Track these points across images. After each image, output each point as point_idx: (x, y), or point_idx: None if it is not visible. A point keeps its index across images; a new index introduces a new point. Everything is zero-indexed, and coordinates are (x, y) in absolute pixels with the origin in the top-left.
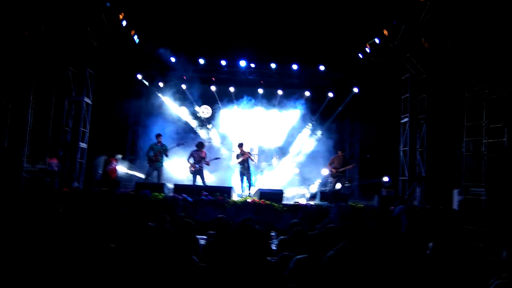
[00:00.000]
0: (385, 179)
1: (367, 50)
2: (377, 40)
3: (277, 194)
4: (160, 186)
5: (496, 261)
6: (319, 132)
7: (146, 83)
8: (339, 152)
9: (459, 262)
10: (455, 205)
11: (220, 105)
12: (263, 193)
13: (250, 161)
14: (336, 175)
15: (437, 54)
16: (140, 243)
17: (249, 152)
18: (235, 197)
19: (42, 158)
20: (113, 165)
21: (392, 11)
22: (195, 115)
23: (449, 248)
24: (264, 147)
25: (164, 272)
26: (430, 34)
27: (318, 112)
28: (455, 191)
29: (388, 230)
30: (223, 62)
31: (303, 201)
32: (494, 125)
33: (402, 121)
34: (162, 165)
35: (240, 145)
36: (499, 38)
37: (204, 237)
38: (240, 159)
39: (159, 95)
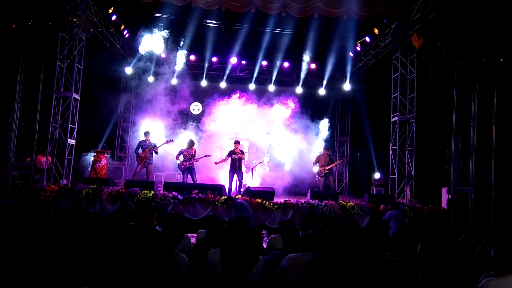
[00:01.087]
0: (376, 176)
1: (358, 48)
2: (367, 39)
3: (268, 193)
4: (150, 184)
5: (484, 259)
6: (310, 129)
7: (136, 78)
8: (324, 150)
9: (447, 261)
10: (443, 204)
11: (210, 101)
12: (253, 192)
13: (241, 160)
14: (324, 174)
15: (427, 54)
16: (120, 244)
17: (241, 151)
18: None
19: (30, 154)
20: (102, 162)
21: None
22: (185, 112)
23: (437, 247)
24: (255, 143)
25: (143, 273)
26: (420, 33)
27: (309, 109)
28: (444, 190)
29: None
30: (214, 59)
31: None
32: (482, 125)
33: (392, 119)
34: (151, 162)
35: (236, 142)
36: (487, 39)
37: (194, 235)
38: (232, 157)
39: (149, 91)
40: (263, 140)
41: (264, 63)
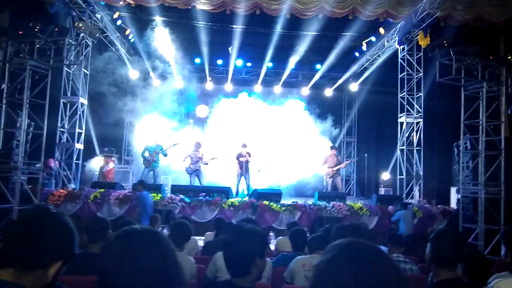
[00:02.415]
0: (385, 177)
1: (364, 48)
2: (373, 38)
3: (275, 194)
4: (157, 187)
5: (495, 260)
6: (317, 130)
7: (142, 82)
8: (332, 151)
9: (457, 261)
10: (453, 204)
11: (216, 104)
12: (260, 194)
13: (248, 162)
14: (332, 175)
15: (433, 53)
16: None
17: (248, 153)
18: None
19: (38, 159)
20: (109, 166)
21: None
22: (191, 114)
23: (447, 247)
24: (262, 145)
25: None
26: (426, 32)
27: (315, 111)
28: (453, 189)
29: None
30: (219, 61)
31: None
32: (491, 123)
33: (400, 119)
34: (158, 166)
35: (244, 146)
36: (494, 36)
37: (202, 238)
38: (239, 159)
39: (155, 94)
40: (269, 142)
41: (270, 64)
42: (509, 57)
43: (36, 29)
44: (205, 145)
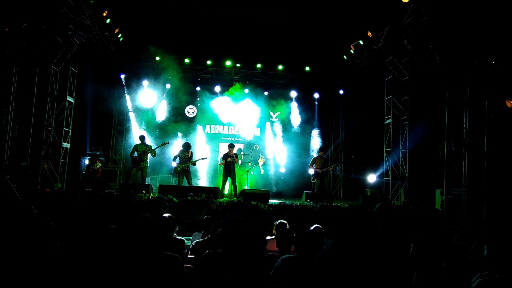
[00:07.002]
0: (370, 179)
1: (352, 51)
2: (361, 42)
3: (263, 195)
4: (145, 187)
5: (478, 260)
6: (304, 132)
7: (131, 81)
8: (320, 153)
9: (441, 261)
10: (437, 205)
11: (205, 104)
12: (248, 194)
13: (235, 163)
14: (320, 176)
15: (420, 57)
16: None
17: (236, 154)
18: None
19: (24, 158)
20: (96, 166)
21: (376, 13)
22: (180, 115)
23: (430, 247)
24: (249, 142)
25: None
26: (412, 36)
27: (303, 113)
28: (437, 191)
29: (368, 227)
30: (209, 62)
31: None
32: (474, 127)
33: (386, 122)
34: (146, 166)
35: (231, 146)
36: (479, 42)
37: (190, 238)
38: (226, 160)
39: (144, 94)
40: (255, 141)
41: (259, 66)
42: (493, 62)
43: (23, 27)
44: (194, 145)
